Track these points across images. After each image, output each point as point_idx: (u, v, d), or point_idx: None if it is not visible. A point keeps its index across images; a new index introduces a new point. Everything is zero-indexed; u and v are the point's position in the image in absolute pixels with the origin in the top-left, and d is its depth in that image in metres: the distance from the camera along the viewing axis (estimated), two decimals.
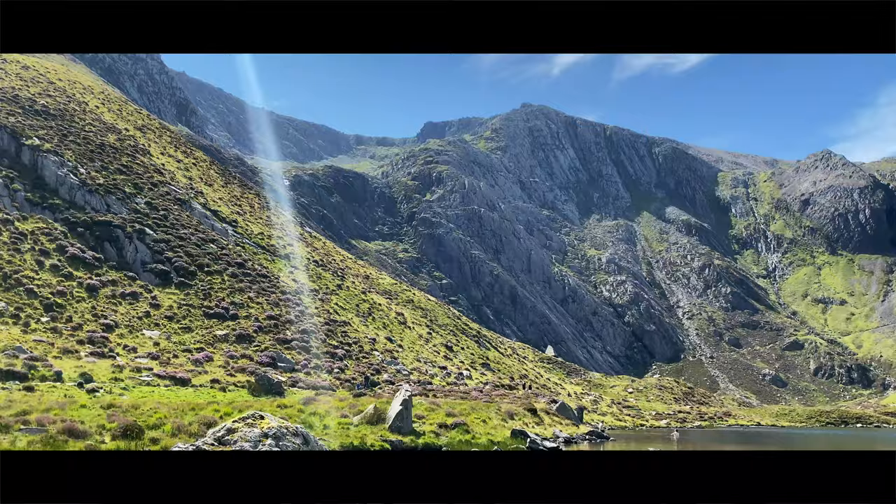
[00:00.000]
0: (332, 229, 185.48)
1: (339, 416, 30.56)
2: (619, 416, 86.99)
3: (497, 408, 43.22)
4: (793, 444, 57.50)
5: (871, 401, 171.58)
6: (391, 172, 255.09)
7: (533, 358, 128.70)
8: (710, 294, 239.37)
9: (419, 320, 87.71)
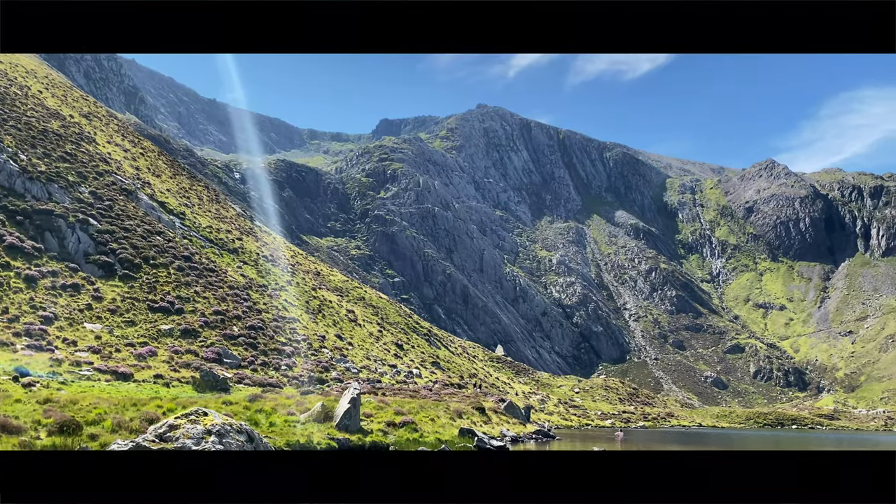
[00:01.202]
0: (283, 224, 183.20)
1: (285, 413, 30.24)
2: (565, 415, 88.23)
3: (446, 406, 43.38)
4: (731, 445, 59.19)
5: (806, 403, 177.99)
6: (345, 168, 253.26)
7: (483, 357, 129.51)
8: (656, 297, 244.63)
9: (370, 318, 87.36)
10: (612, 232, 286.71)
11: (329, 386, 48.52)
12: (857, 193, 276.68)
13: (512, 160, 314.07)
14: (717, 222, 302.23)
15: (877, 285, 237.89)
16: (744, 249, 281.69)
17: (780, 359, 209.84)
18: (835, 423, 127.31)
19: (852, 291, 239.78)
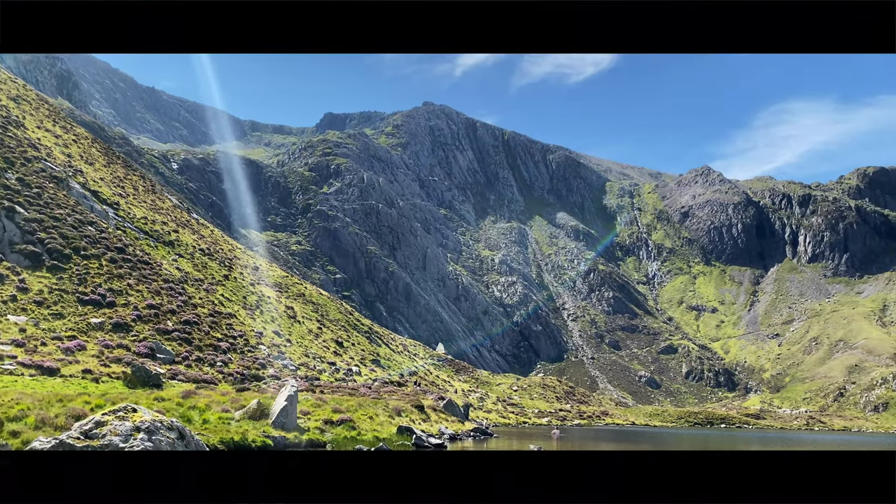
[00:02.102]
0: (222, 217, 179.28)
1: (220, 410, 29.64)
2: (503, 413, 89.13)
3: (385, 404, 43.27)
4: (664, 444, 60.86)
5: (735, 403, 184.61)
6: (287, 162, 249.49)
7: (424, 355, 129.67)
8: (593, 298, 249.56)
9: (310, 315, 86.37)
10: (554, 233, 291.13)
11: (266, 383, 47.76)
12: (787, 201, 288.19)
13: (457, 159, 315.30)
14: (654, 226, 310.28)
15: (802, 290, 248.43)
16: (679, 253, 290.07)
17: (710, 360, 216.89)
18: (761, 423, 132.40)
19: (780, 296, 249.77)
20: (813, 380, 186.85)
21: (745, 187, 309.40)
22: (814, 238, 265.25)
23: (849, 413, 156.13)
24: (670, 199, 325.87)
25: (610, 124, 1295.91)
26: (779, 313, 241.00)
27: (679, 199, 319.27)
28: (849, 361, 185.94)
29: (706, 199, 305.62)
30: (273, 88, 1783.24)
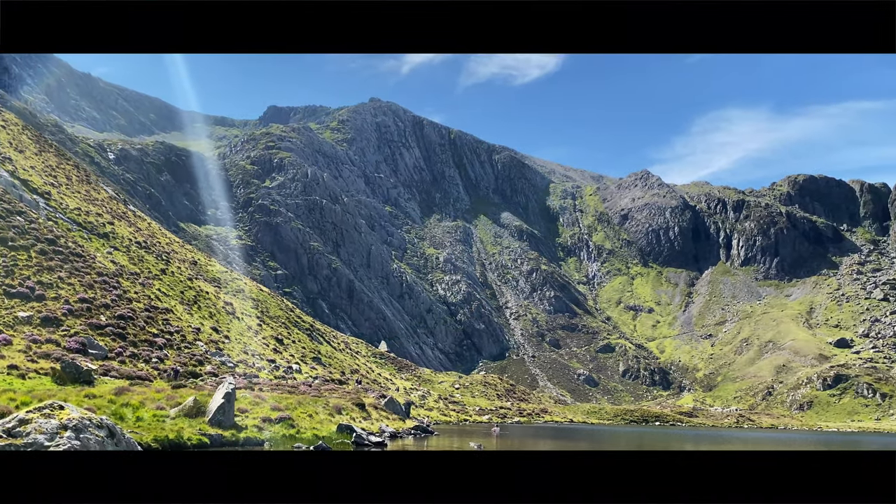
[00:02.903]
0: (160, 210, 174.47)
1: (154, 408, 28.90)
2: (444, 411, 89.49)
3: (325, 402, 42.94)
4: (600, 441, 62.15)
5: (669, 401, 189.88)
6: (229, 154, 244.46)
7: (366, 353, 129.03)
8: (535, 297, 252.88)
9: (249, 311, 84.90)
10: (498, 232, 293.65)
11: (203, 380, 46.75)
12: (722, 206, 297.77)
13: (403, 156, 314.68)
14: (595, 227, 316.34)
15: (735, 292, 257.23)
16: (618, 254, 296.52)
17: (646, 359, 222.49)
18: (693, 421, 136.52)
19: (713, 297, 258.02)
20: (743, 379, 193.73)
21: (683, 192, 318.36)
22: (746, 242, 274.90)
23: (776, 411, 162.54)
24: (611, 201, 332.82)
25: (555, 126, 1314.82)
26: (712, 314, 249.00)
27: (619, 202, 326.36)
28: (777, 362, 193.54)
29: (645, 202, 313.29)
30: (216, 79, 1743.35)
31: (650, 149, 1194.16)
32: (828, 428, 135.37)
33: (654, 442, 62.55)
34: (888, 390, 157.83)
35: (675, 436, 79.17)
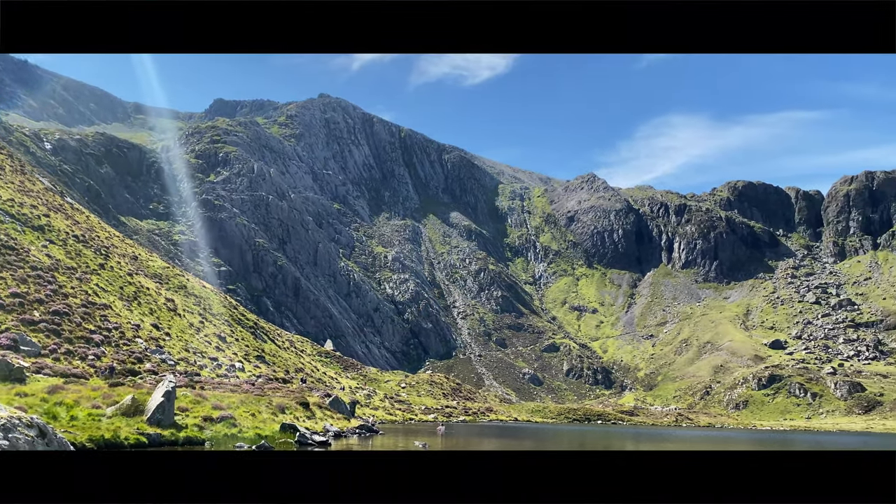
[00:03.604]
0: (99, 203, 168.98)
1: (90, 406, 28.05)
2: (390, 410, 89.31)
3: (268, 401, 42.39)
4: (544, 439, 62.99)
5: (611, 400, 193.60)
6: (173, 148, 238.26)
7: (311, 351, 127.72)
8: (483, 296, 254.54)
9: (191, 308, 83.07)
10: (447, 232, 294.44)
11: (142, 378, 45.54)
12: (664, 210, 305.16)
13: (353, 154, 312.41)
14: (542, 229, 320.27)
15: (676, 294, 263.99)
16: (564, 255, 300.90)
17: (590, 358, 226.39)
18: (634, 419, 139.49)
19: (655, 299, 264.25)
20: (682, 379, 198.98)
21: (627, 195, 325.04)
22: (687, 245, 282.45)
23: (713, 410, 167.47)
24: (558, 203, 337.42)
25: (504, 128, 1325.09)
26: (653, 315, 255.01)
27: (566, 204, 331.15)
28: (715, 362, 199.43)
29: (591, 204, 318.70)
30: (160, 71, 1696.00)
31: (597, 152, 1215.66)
32: (762, 426, 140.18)
33: (596, 441, 63.75)
34: (818, 390, 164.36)
35: (616, 434, 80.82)
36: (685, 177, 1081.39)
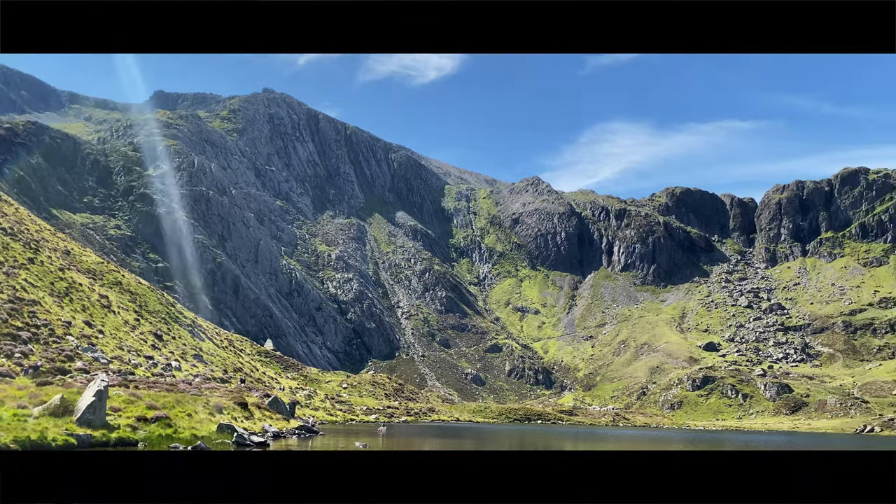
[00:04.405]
0: (30, 194, 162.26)
1: (15, 406, 26.96)
2: (331, 410, 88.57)
3: (206, 401, 41.51)
4: (484, 439, 63.45)
5: (551, 400, 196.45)
6: (110, 139, 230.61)
7: (251, 351, 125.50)
8: (427, 297, 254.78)
9: (126, 305, 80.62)
10: (392, 231, 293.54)
11: (73, 377, 44.01)
12: (605, 214, 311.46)
13: (297, 150, 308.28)
14: (487, 230, 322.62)
15: (615, 296, 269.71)
16: (508, 257, 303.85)
17: (531, 359, 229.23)
18: (573, 419, 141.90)
19: (595, 301, 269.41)
20: (620, 379, 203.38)
21: (570, 199, 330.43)
22: (626, 249, 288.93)
23: (649, 410, 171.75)
24: (503, 205, 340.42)
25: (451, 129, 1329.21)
26: (593, 317, 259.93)
27: (511, 206, 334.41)
28: (651, 363, 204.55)
29: (535, 207, 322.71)
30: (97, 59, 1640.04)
31: (541, 156, 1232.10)
32: (695, 426, 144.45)
33: (536, 441, 64.59)
34: (749, 391, 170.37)
35: (556, 434, 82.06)
36: (626, 182, 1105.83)
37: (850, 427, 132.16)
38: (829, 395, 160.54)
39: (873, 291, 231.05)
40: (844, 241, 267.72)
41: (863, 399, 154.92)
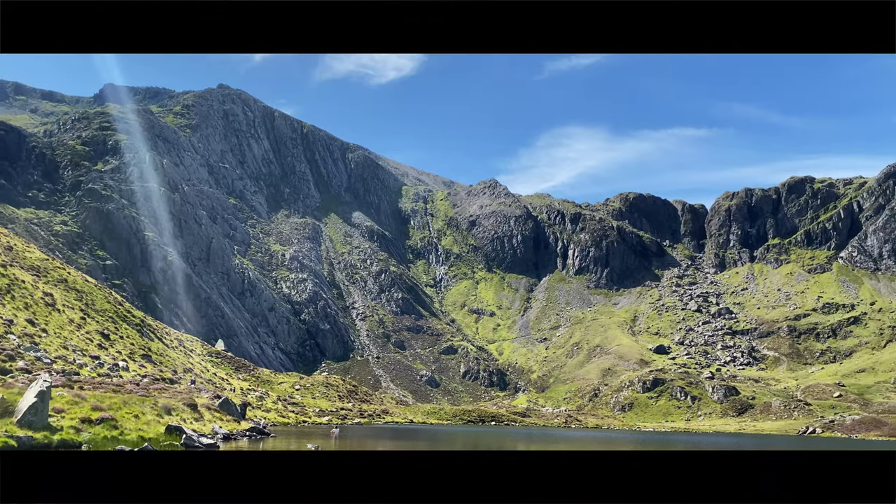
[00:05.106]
0: None
1: None
2: (283, 412, 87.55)
3: (154, 402, 40.61)
4: (437, 440, 63.50)
5: (505, 402, 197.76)
6: (57, 133, 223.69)
7: (201, 351, 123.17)
8: (383, 298, 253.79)
9: (72, 303, 78.32)
10: (349, 232, 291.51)
11: (14, 377, 42.52)
12: (561, 218, 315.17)
13: (252, 148, 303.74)
14: (444, 232, 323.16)
15: (569, 299, 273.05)
16: (464, 259, 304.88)
17: (486, 360, 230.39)
18: (526, 420, 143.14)
19: (549, 303, 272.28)
20: (573, 381, 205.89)
21: (527, 202, 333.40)
22: (581, 252, 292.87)
23: (601, 412, 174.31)
24: (460, 207, 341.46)
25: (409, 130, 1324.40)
26: (548, 319, 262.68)
27: (468, 209, 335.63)
28: (603, 365, 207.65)
29: (492, 210, 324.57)
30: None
31: (499, 159, 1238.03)
32: (645, 428, 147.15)
33: (489, 441, 64.94)
34: (697, 393, 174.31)
35: (509, 435, 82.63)
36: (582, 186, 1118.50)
37: (793, 428, 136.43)
38: (773, 398, 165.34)
39: (817, 297, 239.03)
40: (790, 247, 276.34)
41: (805, 401, 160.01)
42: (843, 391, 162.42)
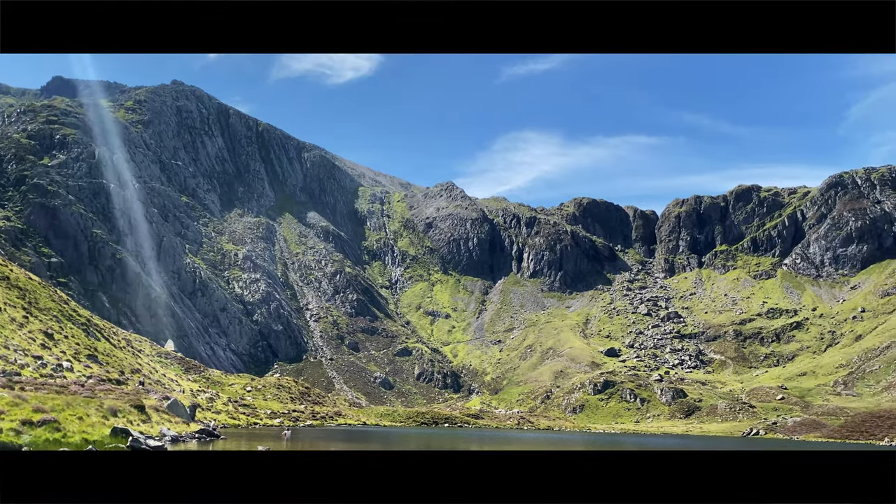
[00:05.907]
0: None
1: None
2: (234, 414, 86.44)
3: (99, 404, 39.75)
4: (390, 442, 63.53)
5: (459, 404, 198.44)
6: (1, 125, 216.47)
7: (150, 352, 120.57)
8: (338, 299, 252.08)
9: (14, 301, 75.88)
10: (304, 232, 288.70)
11: None
12: (517, 221, 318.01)
13: (205, 145, 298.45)
14: (401, 234, 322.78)
15: (523, 302, 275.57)
16: (421, 261, 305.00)
17: (441, 362, 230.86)
18: (479, 422, 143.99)
19: (504, 306, 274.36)
20: (526, 383, 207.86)
21: (483, 205, 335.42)
22: (535, 256, 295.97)
23: (553, 414, 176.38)
24: (417, 209, 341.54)
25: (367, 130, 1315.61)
26: (502, 322, 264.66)
27: (425, 211, 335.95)
28: (556, 367, 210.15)
29: (448, 212, 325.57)
30: None
31: (456, 161, 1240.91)
32: (595, 429, 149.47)
33: (442, 443, 65.26)
34: (646, 396, 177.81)
35: (462, 437, 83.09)
36: (537, 191, 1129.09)
37: (738, 430, 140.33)
38: (719, 400, 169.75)
39: (762, 302, 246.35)
40: (737, 254, 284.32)
41: (750, 404, 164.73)
42: (785, 394, 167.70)
